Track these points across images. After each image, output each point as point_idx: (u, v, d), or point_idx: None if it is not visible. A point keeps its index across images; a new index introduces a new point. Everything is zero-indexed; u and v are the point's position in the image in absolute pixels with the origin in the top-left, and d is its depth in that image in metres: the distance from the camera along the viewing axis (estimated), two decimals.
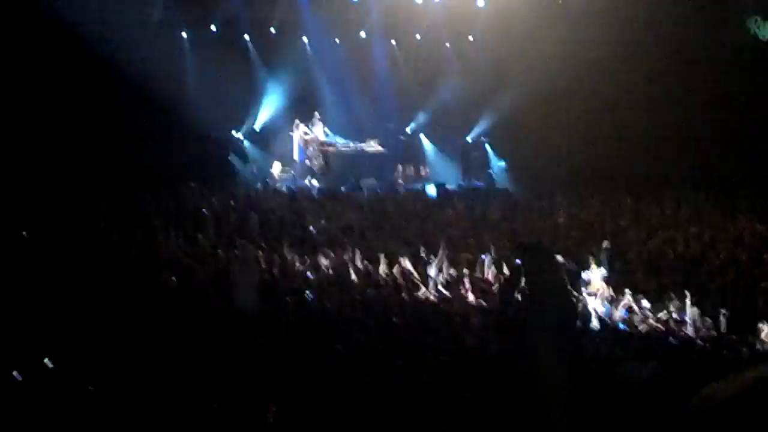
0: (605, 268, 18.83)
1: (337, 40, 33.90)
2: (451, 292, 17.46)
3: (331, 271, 18.28)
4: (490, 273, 18.64)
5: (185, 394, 10.88)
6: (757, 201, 26.20)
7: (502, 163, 33.94)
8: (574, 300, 17.22)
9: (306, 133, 31.88)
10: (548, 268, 9.55)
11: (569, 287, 17.19)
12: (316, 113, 32.05)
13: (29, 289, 15.11)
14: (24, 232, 19.51)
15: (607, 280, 18.32)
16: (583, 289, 17.64)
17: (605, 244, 19.90)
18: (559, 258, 19.54)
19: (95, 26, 26.64)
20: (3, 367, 11.10)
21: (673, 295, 17.50)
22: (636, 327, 16.26)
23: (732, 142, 29.56)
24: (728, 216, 25.00)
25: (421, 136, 34.76)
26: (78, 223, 21.43)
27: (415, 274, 18.00)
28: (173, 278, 16.86)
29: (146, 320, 14.06)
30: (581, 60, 30.42)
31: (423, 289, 17.28)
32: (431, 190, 30.00)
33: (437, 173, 33.31)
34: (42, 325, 13.32)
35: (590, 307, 17.14)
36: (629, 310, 17.07)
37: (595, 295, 17.72)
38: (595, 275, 18.29)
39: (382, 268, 18.38)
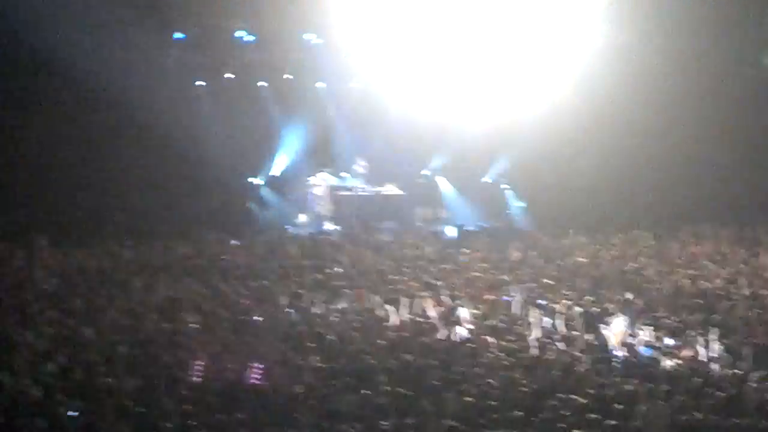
0: (626, 310, 18.73)
1: (352, 85, 33.99)
2: (473, 334, 17.39)
3: (352, 315, 18.25)
4: (512, 313, 18.59)
5: None
6: None
7: (521, 204, 33.89)
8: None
9: (323, 179, 31.92)
10: None
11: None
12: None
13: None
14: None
15: (629, 322, 18.20)
16: (605, 332, 17.51)
17: (627, 296, 19.82)
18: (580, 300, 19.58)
19: (111, 74, 26.80)
20: None
21: (695, 332, 17.38)
22: (659, 364, 16.13)
23: (754, 177, 29.51)
24: (750, 251, 24.91)
25: (439, 178, 34.73)
26: (98, 269, 21.52)
27: (436, 316, 17.95)
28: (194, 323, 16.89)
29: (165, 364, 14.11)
30: (599, 99, 30.40)
31: (444, 331, 17.21)
32: (450, 231, 29.95)
33: (456, 215, 33.25)
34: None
35: (611, 347, 17.04)
36: (651, 347, 16.95)
37: (619, 338, 17.60)
38: (617, 319, 18.17)
39: (403, 311, 18.34)
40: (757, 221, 27.95)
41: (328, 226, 30.82)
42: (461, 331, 17.39)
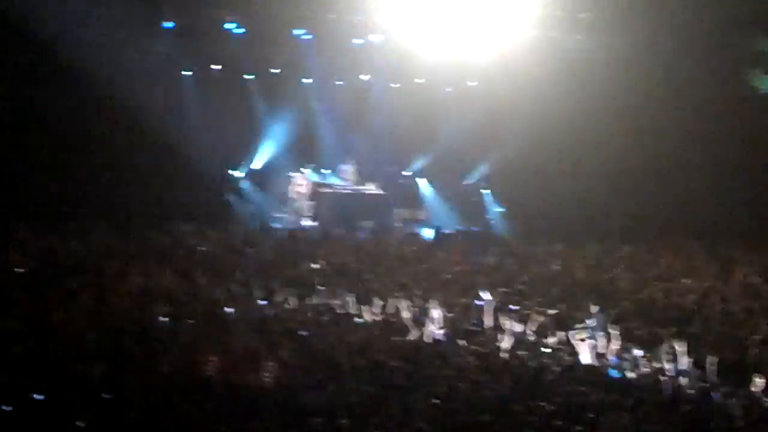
0: (596, 324, 18.78)
1: (339, 82, 34.03)
2: (444, 336, 17.43)
3: (325, 312, 18.27)
4: (484, 317, 18.63)
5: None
6: (754, 253, 26.25)
7: (500, 209, 33.98)
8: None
9: (304, 175, 32.00)
10: None
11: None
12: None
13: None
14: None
15: (598, 336, 18.28)
16: (575, 341, 17.59)
17: (595, 309, 19.84)
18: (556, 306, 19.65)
19: (97, 63, 26.72)
20: None
21: (665, 345, 17.47)
22: (626, 375, 16.22)
23: (731, 194, 29.65)
24: (724, 267, 25.02)
25: (420, 179, 34.81)
26: (71, 257, 21.46)
27: (409, 317, 17.98)
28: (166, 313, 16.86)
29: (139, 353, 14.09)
30: (580, 108, 30.54)
31: (416, 331, 17.25)
32: (428, 233, 30.02)
33: (435, 217, 33.34)
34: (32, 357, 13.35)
35: (582, 357, 17.11)
36: (620, 358, 17.03)
37: (589, 347, 17.67)
38: (588, 328, 18.24)
39: (376, 310, 18.37)
40: (735, 235, 28.06)
41: (307, 222, 30.86)
42: (431, 333, 17.44)
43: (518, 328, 18.07)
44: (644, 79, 30.74)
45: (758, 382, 15.27)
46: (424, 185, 34.76)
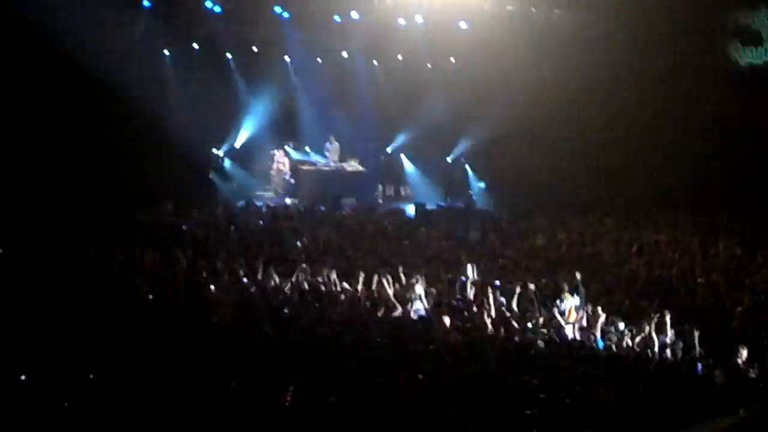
0: (579, 297, 18.84)
1: (319, 60, 33.93)
2: (428, 312, 17.45)
3: (308, 289, 18.24)
4: (469, 293, 18.65)
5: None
6: (737, 224, 26.34)
7: (482, 184, 34.00)
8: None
9: (286, 152, 31.97)
10: None
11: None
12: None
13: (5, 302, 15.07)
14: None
15: (581, 309, 18.33)
16: (558, 315, 17.64)
17: (578, 276, 19.87)
18: (539, 279, 19.69)
19: (77, 42, 26.52)
20: None
21: (650, 317, 17.53)
22: (612, 348, 16.28)
23: (713, 164, 29.71)
24: (708, 239, 25.10)
25: (402, 156, 34.78)
26: (54, 237, 21.36)
27: (393, 293, 17.97)
28: (149, 291, 16.82)
29: (122, 332, 14.03)
30: (561, 82, 30.54)
31: (400, 308, 17.25)
32: (410, 209, 30.02)
33: (418, 193, 33.34)
34: (17, 336, 13.28)
35: (567, 331, 17.16)
36: (604, 331, 17.09)
37: (572, 323, 17.73)
38: (569, 303, 18.29)
39: (360, 287, 18.36)
40: (719, 209, 28.13)
41: (289, 199, 30.83)
42: (416, 308, 17.46)
43: (503, 302, 18.12)
44: (627, 53, 30.73)
45: (742, 353, 15.35)
46: (406, 162, 34.73)
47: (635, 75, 30.79)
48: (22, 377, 11.50)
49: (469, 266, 20.11)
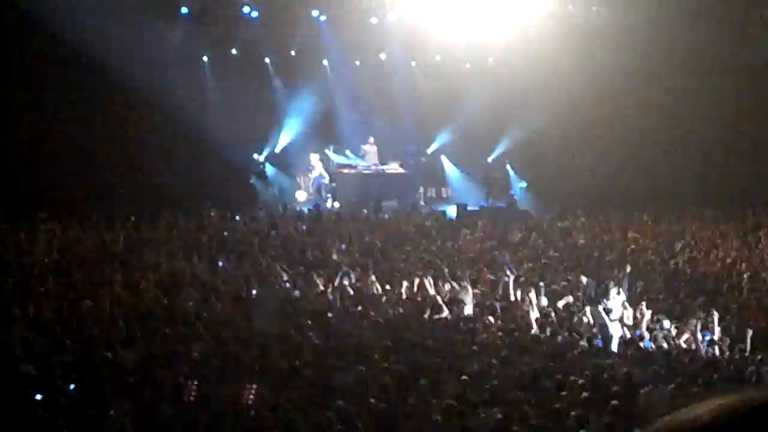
0: (625, 292, 18.75)
1: (357, 63, 33.94)
2: (472, 313, 17.43)
3: (352, 293, 18.27)
4: (512, 293, 18.61)
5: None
6: None
7: (524, 184, 33.88)
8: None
9: (326, 156, 32.03)
10: None
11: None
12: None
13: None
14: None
15: (628, 305, 18.23)
16: (604, 314, 17.53)
17: (623, 274, 19.80)
18: (583, 279, 19.60)
19: (118, 51, 26.74)
20: None
21: (696, 315, 17.43)
22: (659, 347, 16.18)
23: (755, 162, 29.52)
24: (750, 235, 24.94)
25: (443, 157, 34.70)
26: (99, 243, 21.56)
27: (437, 295, 17.95)
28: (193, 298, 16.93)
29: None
30: (601, 81, 30.42)
31: (446, 309, 17.23)
32: (451, 210, 29.95)
33: (459, 194, 33.25)
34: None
35: (612, 331, 17.08)
36: (650, 329, 17.00)
37: (618, 320, 17.63)
38: (617, 301, 18.18)
39: (403, 289, 18.37)
40: (757, 205, 27.96)
41: (330, 203, 30.86)
42: (459, 310, 17.43)
43: (546, 302, 18.07)
44: (664, 50, 30.60)
45: None
46: (446, 163, 34.65)
47: (675, 71, 30.65)
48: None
49: (511, 267, 20.07)
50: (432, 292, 18.13)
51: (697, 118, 30.54)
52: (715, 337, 16.56)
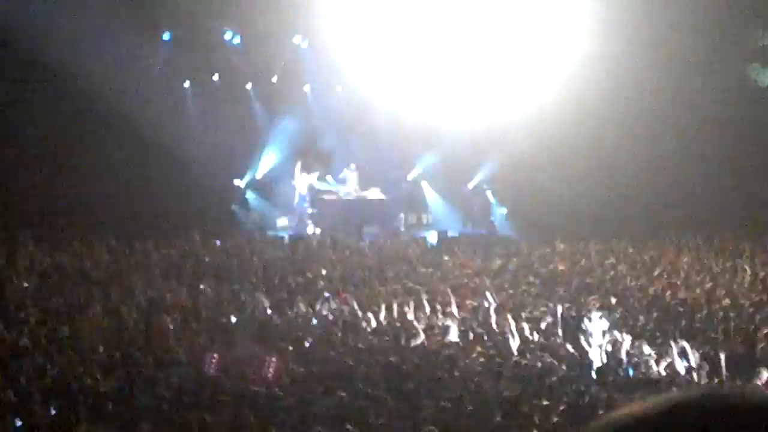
0: (605, 318, 18.79)
1: (339, 89, 33.99)
2: (454, 339, 17.43)
3: (332, 318, 18.27)
4: (492, 319, 18.62)
5: None
6: (760, 245, 26.26)
7: (504, 210, 33.95)
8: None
9: (307, 182, 32.03)
10: None
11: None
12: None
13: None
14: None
15: (608, 333, 18.25)
16: (584, 340, 17.55)
17: (603, 301, 19.86)
18: (562, 305, 19.64)
19: (99, 76, 26.77)
20: None
21: (674, 341, 17.46)
22: (638, 373, 16.21)
23: (735, 187, 29.67)
24: (730, 261, 25.02)
25: (423, 183, 34.76)
26: (79, 268, 21.51)
27: (417, 321, 17.96)
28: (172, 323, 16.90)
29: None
30: (582, 108, 30.52)
31: (423, 336, 17.22)
32: (432, 237, 30.00)
33: (439, 220, 33.31)
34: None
35: (592, 357, 17.09)
36: (630, 355, 17.02)
37: (598, 346, 17.64)
38: (597, 327, 18.21)
39: (383, 316, 18.36)
40: (741, 230, 28.08)
41: (311, 229, 30.87)
42: (439, 336, 17.44)
43: (526, 329, 18.07)
44: (645, 77, 30.76)
45: (764, 375, 15.25)
46: (427, 189, 34.70)
47: (656, 97, 30.81)
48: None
49: (491, 293, 20.09)
50: (411, 317, 18.13)
51: (680, 146, 30.68)
52: (693, 364, 16.59)
